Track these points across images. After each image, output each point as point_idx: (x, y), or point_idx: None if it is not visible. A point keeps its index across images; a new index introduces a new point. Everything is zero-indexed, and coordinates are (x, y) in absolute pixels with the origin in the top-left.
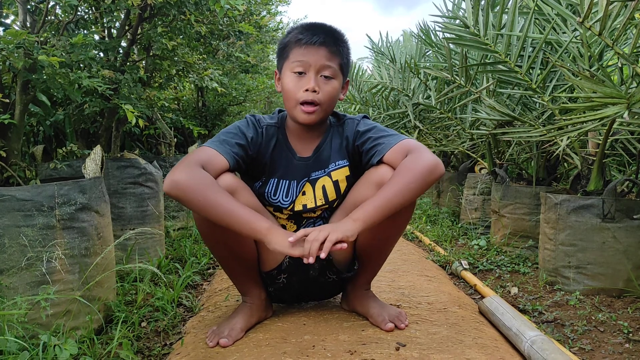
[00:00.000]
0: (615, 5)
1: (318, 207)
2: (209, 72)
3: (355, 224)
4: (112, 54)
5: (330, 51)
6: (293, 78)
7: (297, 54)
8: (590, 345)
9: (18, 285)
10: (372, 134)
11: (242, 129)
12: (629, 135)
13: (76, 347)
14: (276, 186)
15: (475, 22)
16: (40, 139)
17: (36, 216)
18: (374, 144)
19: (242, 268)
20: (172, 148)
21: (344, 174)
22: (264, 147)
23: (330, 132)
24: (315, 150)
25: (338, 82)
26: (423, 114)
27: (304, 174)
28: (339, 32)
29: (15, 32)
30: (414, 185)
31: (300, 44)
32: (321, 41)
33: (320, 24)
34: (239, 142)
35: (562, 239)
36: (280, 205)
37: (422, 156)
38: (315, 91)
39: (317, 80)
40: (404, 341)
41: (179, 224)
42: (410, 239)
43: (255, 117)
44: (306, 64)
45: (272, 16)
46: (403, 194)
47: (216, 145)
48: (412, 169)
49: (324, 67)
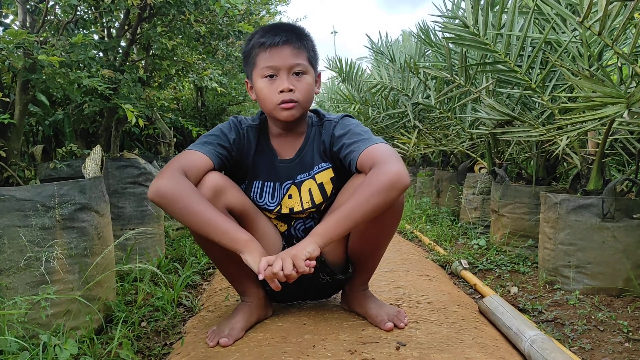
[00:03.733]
0: (615, 5)
1: (305, 211)
2: (208, 72)
3: (313, 239)
4: (111, 53)
5: (296, 47)
6: (265, 83)
7: (264, 59)
8: (590, 344)
9: (18, 285)
10: (346, 139)
11: (224, 131)
12: (628, 135)
13: (76, 347)
14: (261, 188)
15: (475, 22)
16: (40, 138)
17: (36, 216)
18: (347, 151)
19: (238, 268)
20: (171, 148)
21: (328, 176)
22: (246, 149)
23: (311, 132)
24: (298, 153)
25: (310, 76)
26: (422, 114)
27: (288, 176)
28: (300, 27)
29: (14, 31)
30: (374, 199)
31: (264, 48)
32: (284, 40)
33: (279, 24)
34: (221, 144)
35: (562, 239)
36: (267, 207)
37: (385, 169)
38: (291, 90)
39: (290, 79)
40: (404, 341)
41: (179, 224)
42: (410, 238)
43: (237, 118)
44: (275, 66)
45: (271, 16)
46: (364, 208)
47: (199, 147)
48: (373, 183)
49: (293, 65)
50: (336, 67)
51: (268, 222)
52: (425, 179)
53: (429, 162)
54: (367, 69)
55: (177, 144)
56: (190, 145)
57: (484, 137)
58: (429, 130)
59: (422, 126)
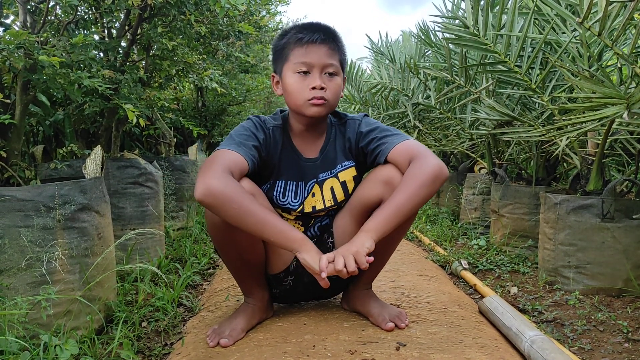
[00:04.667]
0: (615, 6)
1: (327, 209)
2: (208, 72)
3: (369, 235)
4: (112, 54)
5: (331, 48)
6: (297, 78)
7: (299, 54)
8: (590, 344)
9: (18, 286)
10: (376, 134)
11: (253, 131)
12: (628, 135)
13: (77, 347)
14: (284, 188)
15: (475, 22)
16: (40, 139)
17: (36, 216)
18: (378, 143)
19: (250, 271)
20: (171, 148)
21: (351, 175)
22: (272, 149)
23: (332, 131)
24: (321, 151)
25: (340, 78)
26: (422, 114)
27: (312, 175)
28: (334, 29)
29: (15, 32)
30: (422, 192)
31: (301, 44)
32: (322, 39)
33: (316, 23)
34: (254, 144)
35: (562, 239)
36: (289, 207)
37: (427, 161)
38: (323, 88)
39: (322, 78)
40: (404, 341)
41: (179, 224)
42: (410, 238)
43: (260, 118)
44: (310, 62)
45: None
46: (412, 201)
47: (235, 147)
48: (419, 175)
49: (327, 64)
50: None
51: None
52: None
53: None
54: (367, 69)
55: (177, 144)
56: (224, 143)
57: (484, 137)
58: (429, 130)
59: (422, 126)
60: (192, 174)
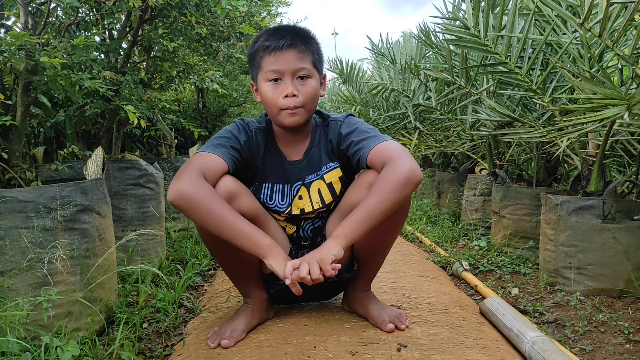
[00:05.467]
0: (615, 7)
1: (316, 211)
2: (209, 74)
3: (337, 241)
4: (113, 55)
5: (300, 51)
6: (270, 87)
7: (268, 62)
8: (591, 345)
9: (20, 287)
10: (354, 137)
11: (234, 133)
12: (629, 136)
13: (78, 348)
14: (271, 191)
15: (476, 24)
16: (41, 140)
17: (37, 217)
18: (356, 148)
19: (244, 271)
20: (172, 149)
21: (336, 175)
22: (255, 151)
23: (316, 133)
24: (306, 154)
25: (315, 80)
26: (423, 115)
27: (298, 178)
28: (305, 30)
29: (16, 33)
30: (392, 196)
31: (269, 51)
32: (289, 44)
33: (285, 26)
34: (234, 146)
35: (563, 240)
36: (277, 209)
37: (399, 165)
38: (295, 95)
39: (294, 83)
40: (405, 342)
41: (180, 225)
42: (411, 240)
43: (244, 120)
44: (279, 70)
45: (272, 17)
46: (382, 206)
47: (212, 149)
48: (389, 180)
49: (297, 69)
50: (337, 68)
51: (277, 226)
52: (426, 180)
53: (429, 164)
54: (368, 70)
55: (178, 145)
56: (203, 147)
57: (484, 138)
58: (430, 131)
59: (423, 127)
60: None
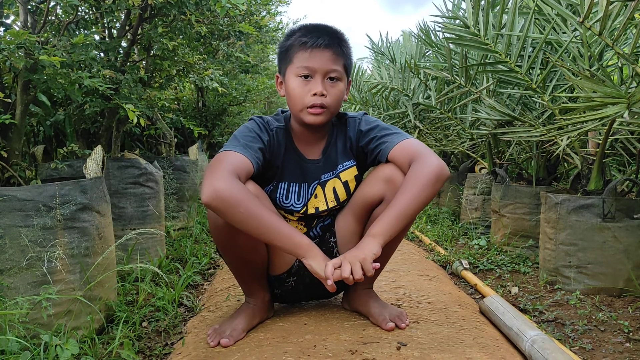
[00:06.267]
0: (615, 5)
1: (330, 209)
2: (209, 72)
3: (376, 240)
4: (112, 54)
5: (335, 53)
6: (299, 82)
7: (302, 58)
8: (591, 344)
9: (19, 285)
10: (376, 132)
11: (258, 133)
12: (629, 135)
13: (77, 347)
14: (287, 190)
15: (475, 22)
16: (41, 139)
17: (37, 216)
18: (378, 142)
19: (252, 272)
20: (172, 148)
21: (352, 174)
22: (276, 151)
23: (333, 132)
24: (324, 152)
25: (343, 83)
26: (423, 114)
27: (315, 177)
28: (341, 32)
29: (16, 32)
30: (425, 193)
31: (305, 47)
32: (326, 44)
33: (323, 26)
34: (259, 147)
35: (563, 239)
36: (292, 208)
37: (429, 162)
38: (324, 95)
39: (324, 84)
40: (405, 341)
41: (180, 224)
42: (411, 238)
43: (263, 119)
44: (312, 67)
45: (272, 16)
46: (416, 203)
47: (241, 149)
48: (422, 176)
49: (330, 70)
50: None
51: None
52: None
53: None
54: (367, 70)
55: (177, 144)
56: (229, 145)
57: (484, 137)
58: (430, 130)
59: (423, 126)
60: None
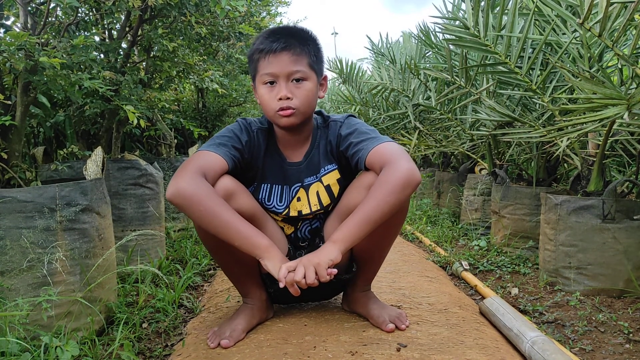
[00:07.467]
0: (615, 7)
1: (313, 213)
2: (209, 74)
3: (336, 246)
4: (112, 55)
5: (295, 54)
6: (266, 89)
7: (263, 65)
8: (591, 345)
9: (19, 287)
10: (353, 138)
11: (236, 132)
12: (628, 136)
13: (77, 348)
14: (269, 191)
15: (475, 23)
16: (41, 140)
17: (37, 218)
18: (355, 149)
19: (243, 270)
20: (172, 149)
21: (334, 178)
22: (256, 151)
23: (317, 135)
24: (306, 155)
25: (311, 82)
26: (423, 115)
27: (297, 179)
28: (303, 30)
29: (16, 33)
30: (391, 199)
31: (263, 54)
32: (282, 47)
33: (281, 28)
34: (235, 146)
35: (563, 240)
36: (275, 210)
37: (397, 167)
38: (289, 98)
39: (289, 86)
40: (404, 342)
41: (180, 225)
42: (411, 239)
43: (246, 120)
44: (273, 73)
45: (272, 17)
46: (381, 209)
47: (214, 148)
48: (388, 182)
49: (291, 72)
50: (337, 68)
51: (275, 226)
52: (425, 180)
53: (429, 163)
54: (367, 70)
55: (178, 145)
56: (204, 145)
57: (484, 138)
58: (430, 131)
59: (423, 127)
60: None
